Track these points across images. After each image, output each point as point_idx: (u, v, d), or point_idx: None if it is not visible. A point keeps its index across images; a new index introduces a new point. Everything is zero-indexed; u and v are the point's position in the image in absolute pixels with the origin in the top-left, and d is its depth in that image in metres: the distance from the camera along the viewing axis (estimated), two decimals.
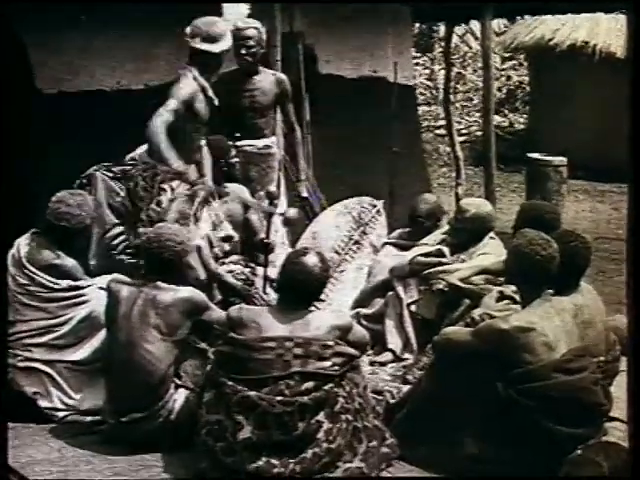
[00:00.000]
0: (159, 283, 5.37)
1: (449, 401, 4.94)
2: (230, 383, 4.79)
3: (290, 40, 8.34)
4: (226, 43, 6.73)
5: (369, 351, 6.73)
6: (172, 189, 6.35)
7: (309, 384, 4.76)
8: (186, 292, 5.39)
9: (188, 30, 6.64)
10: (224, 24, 6.77)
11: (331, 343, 4.85)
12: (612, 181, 14.30)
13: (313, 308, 5.16)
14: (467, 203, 6.81)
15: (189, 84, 6.60)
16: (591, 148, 15.03)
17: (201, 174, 6.79)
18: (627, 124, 3.51)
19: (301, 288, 4.98)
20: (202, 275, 6.26)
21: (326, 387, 4.77)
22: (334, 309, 6.75)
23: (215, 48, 6.64)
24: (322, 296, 5.42)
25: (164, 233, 5.53)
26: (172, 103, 6.44)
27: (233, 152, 7.09)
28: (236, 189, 7.15)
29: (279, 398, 4.72)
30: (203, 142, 6.92)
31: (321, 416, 4.73)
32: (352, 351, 4.96)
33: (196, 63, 6.65)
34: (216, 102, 6.75)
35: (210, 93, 6.71)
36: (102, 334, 5.67)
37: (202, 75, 6.68)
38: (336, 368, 4.83)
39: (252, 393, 4.73)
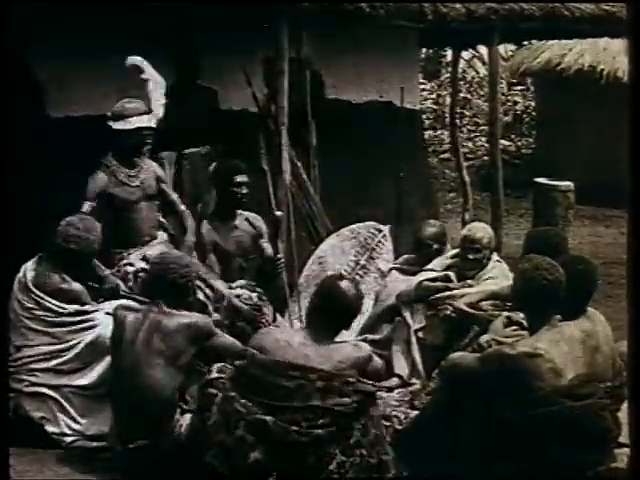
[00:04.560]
0: (165, 308, 5.37)
1: (456, 426, 4.92)
2: (243, 401, 4.73)
3: (297, 66, 8.34)
4: (139, 120, 6.70)
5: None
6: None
7: (326, 419, 4.71)
8: (191, 318, 5.39)
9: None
10: (134, 103, 6.79)
11: (353, 380, 4.80)
12: (619, 206, 14.25)
13: (338, 337, 5.12)
14: (474, 227, 6.81)
15: (97, 179, 6.61)
16: (598, 173, 14.99)
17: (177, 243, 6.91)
18: (626, 148, 3.51)
19: (334, 314, 4.97)
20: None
21: (342, 423, 4.72)
22: (354, 340, 6.72)
23: (122, 125, 6.66)
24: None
25: (168, 257, 5.57)
26: (85, 205, 6.49)
27: (243, 179, 7.01)
28: (249, 216, 7.14)
29: (295, 428, 4.68)
30: (183, 207, 7.08)
31: (334, 449, 4.69)
32: (371, 389, 4.91)
33: (113, 145, 6.72)
34: (134, 184, 6.74)
35: (123, 178, 6.69)
36: (108, 359, 5.66)
37: (120, 157, 6.73)
38: (355, 406, 4.76)
39: (269, 418, 4.69)
